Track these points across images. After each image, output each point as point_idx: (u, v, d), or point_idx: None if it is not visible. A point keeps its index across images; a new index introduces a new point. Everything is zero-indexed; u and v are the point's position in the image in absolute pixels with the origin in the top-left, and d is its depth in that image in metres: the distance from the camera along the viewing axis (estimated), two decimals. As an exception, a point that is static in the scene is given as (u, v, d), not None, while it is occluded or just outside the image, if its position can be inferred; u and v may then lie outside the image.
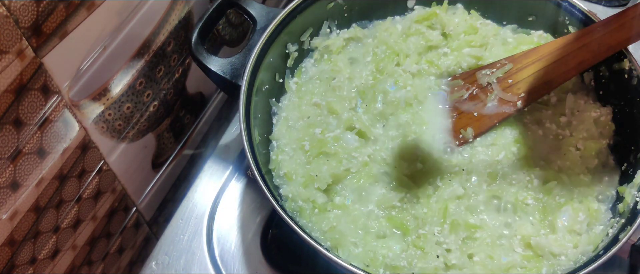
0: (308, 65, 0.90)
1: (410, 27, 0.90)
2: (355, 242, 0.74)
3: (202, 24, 0.84)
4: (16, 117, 0.65)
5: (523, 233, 0.74)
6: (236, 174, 0.93)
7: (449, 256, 0.72)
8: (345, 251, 0.73)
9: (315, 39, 0.90)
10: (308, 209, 0.76)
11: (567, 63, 0.79)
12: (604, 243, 0.71)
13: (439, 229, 0.74)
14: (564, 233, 0.74)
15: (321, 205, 0.76)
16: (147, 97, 0.90)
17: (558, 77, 0.79)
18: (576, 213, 0.74)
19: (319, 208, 0.76)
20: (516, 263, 0.72)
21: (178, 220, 0.87)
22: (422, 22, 0.91)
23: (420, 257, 0.72)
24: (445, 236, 0.73)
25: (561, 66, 0.79)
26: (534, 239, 0.73)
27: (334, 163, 0.78)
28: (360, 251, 0.73)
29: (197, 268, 0.83)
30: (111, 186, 0.87)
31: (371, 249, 0.73)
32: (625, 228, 0.70)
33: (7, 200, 0.68)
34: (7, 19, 0.59)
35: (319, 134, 0.81)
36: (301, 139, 0.81)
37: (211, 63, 0.83)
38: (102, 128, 0.82)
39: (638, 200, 0.72)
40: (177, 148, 1.04)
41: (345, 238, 0.73)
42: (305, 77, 0.89)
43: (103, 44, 0.76)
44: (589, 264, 0.68)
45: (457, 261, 0.72)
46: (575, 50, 0.79)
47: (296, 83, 0.88)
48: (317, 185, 0.77)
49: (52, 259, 0.80)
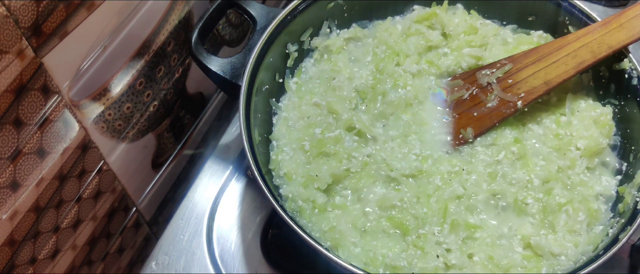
0: (308, 65, 0.90)
1: (410, 27, 0.90)
2: (355, 242, 0.74)
3: (202, 23, 0.84)
4: (16, 117, 0.65)
5: (523, 233, 0.74)
6: (236, 174, 0.93)
7: (449, 256, 0.72)
8: (345, 251, 0.73)
9: (315, 38, 0.90)
10: (308, 209, 0.76)
11: (566, 63, 0.79)
12: (604, 243, 0.71)
13: (439, 229, 0.74)
14: (564, 233, 0.74)
15: (321, 205, 0.76)
16: (147, 97, 0.90)
17: (558, 77, 0.79)
18: (576, 213, 0.74)
19: (319, 208, 0.76)
20: (516, 263, 0.72)
21: (178, 220, 0.87)
22: (422, 22, 0.91)
23: (420, 257, 0.72)
24: (445, 236, 0.74)
25: (561, 66, 0.79)
26: (534, 239, 0.73)
27: (334, 163, 0.78)
28: (359, 251, 0.73)
29: (197, 268, 0.83)
30: (111, 186, 0.87)
31: (371, 249, 0.73)
32: (626, 228, 0.70)
33: (7, 200, 0.68)
34: (7, 19, 0.59)
35: (319, 134, 0.81)
36: (301, 139, 0.81)
37: (211, 63, 0.82)
38: (102, 128, 0.82)
39: (638, 200, 0.72)
40: (177, 148, 1.04)
41: (345, 238, 0.73)
42: (305, 76, 0.89)
43: (103, 43, 0.76)
44: (589, 264, 0.68)
45: (457, 261, 0.72)
46: (574, 51, 0.79)
47: (296, 83, 0.88)
48: (317, 185, 0.77)
49: (52, 259, 0.80)
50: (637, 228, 0.69)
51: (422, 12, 0.92)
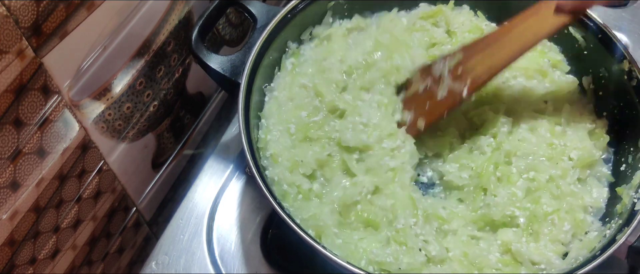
0: (307, 48, 0.89)
1: (416, 23, 0.90)
2: (336, 233, 0.73)
3: (203, 21, 0.84)
4: (16, 117, 0.65)
5: (503, 239, 0.74)
6: (236, 174, 0.93)
7: (428, 248, 0.71)
8: (328, 240, 0.72)
9: (317, 27, 0.89)
10: (292, 194, 0.75)
11: (511, 47, 0.76)
12: (601, 244, 0.71)
13: (414, 221, 0.73)
14: (547, 242, 0.73)
15: (305, 191, 0.75)
16: (147, 96, 0.90)
17: (501, 61, 0.77)
18: (562, 222, 0.73)
19: (303, 194, 0.75)
20: (490, 264, 0.72)
21: (178, 220, 0.88)
22: (427, 19, 0.91)
23: (405, 252, 0.71)
24: (421, 226, 0.72)
25: (505, 50, 0.77)
26: (515, 246, 0.72)
27: (317, 148, 0.78)
28: (341, 243, 0.72)
29: (197, 268, 0.83)
30: (111, 186, 0.88)
31: (351, 242, 0.72)
32: (623, 229, 0.69)
33: (7, 200, 0.68)
34: (7, 19, 0.59)
35: (304, 117, 0.80)
36: (288, 120, 0.80)
37: (211, 60, 0.82)
38: (102, 128, 0.82)
39: (635, 201, 0.72)
40: (177, 148, 1.05)
41: (328, 228, 0.72)
42: (302, 58, 0.88)
43: (103, 43, 0.76)
44: (585, 264, 0.68)
45: (436, 253, 0.71)
46: (519, 33, 0.76)
47: (292, 63, 0.87)
48: (302, 171, 0.76)
49: (52, 259, 0.80)
50: (634, 229, 0.69)
51: (428, 9, 0.92)
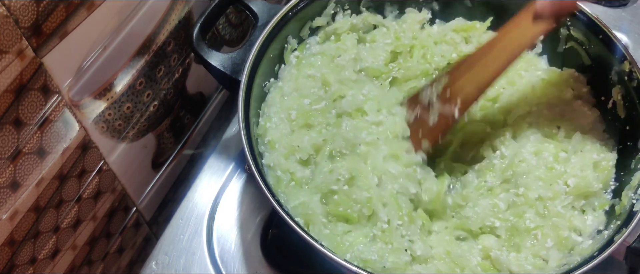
0: (312, 42, 0.89)
1: (447, 34, 0.89)
2: (324, 223, 0.72)
3: (204, 18, 0.83)
4: (16, 117, 0.65)
5: (484, 244, 0.73)
6: (236, 174, 0.93)
7: (413, 247, 0.71)
8: (317, 229, 0.72)
9: (317, 18, 0.89)
10: (285, 180, 0.75)
11: (497, 62, 0.76)
12: (600, 245, 0.70)
13: (399, 223, 0.72)
14: (528, 254, 0.72)
15: (299, 178, 0.75)
16: (147, 96, 0.90)
17: (489, 77, 0.76)
18: (545, 238, 0.72)
19: (296, 181, 0.75)
20: (471, 265, 0.72)
21: (178, 220, 0.87)
22: (459, 32, 0.90)
23: (390, 251, 0.71)
24: (406, 226, 0.72)
25: (491, 66, 0.76)
26: (495, 253, 0.72)
27: (314, 134, 0.78)
28: (328, 233, 0.72)
29: (197, 268, 0.83)
30: (111, 186, 0.88)
31: (337, 234, 0.72)
32: (621, 230, 0.69)
33: (7, 200, 0.68)
34: (7, 19, 0.59)
35: (307, 105, 0.80)
36: (290, 107, 0.80)
37: (212, 58, 0.82)
38: (102, 128, 0.82)
39: (634, 201, 0.71)
40: (177, 148, 1.05)
41: (316, 216, 0.72)
42: (308, 52, 0.88)
43: (103, 43, 0.76)
44: (583, 265, 0.67)
45: (421, 253, 0.71)
46: (502, 48, 0.76)
47: (297, 57, 0.87)
48: (298, 156, 0.76)
49: (52, 259, 0.80)
50: (633, 229, 0.68)
51: (463, 22, 0.90)
